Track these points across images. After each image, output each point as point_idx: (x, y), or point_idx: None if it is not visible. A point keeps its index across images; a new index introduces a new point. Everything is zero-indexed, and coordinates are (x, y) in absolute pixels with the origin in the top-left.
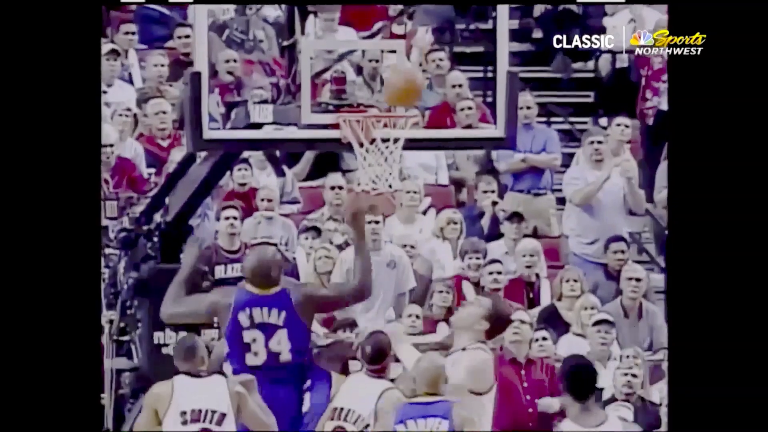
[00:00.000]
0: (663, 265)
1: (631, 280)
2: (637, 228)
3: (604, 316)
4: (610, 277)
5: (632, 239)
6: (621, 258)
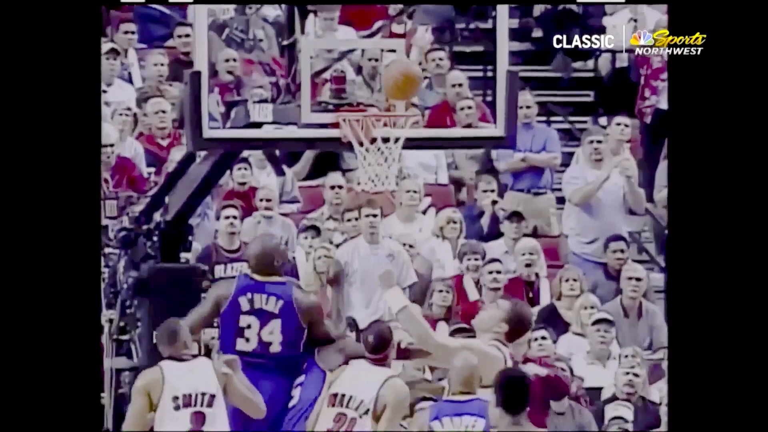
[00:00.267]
0: (663, 264)
1: (631, 279)
2: (636, 227)
3: (603, 316)
4: (610, 276)
5: (632, 239)
6: (621, 257)
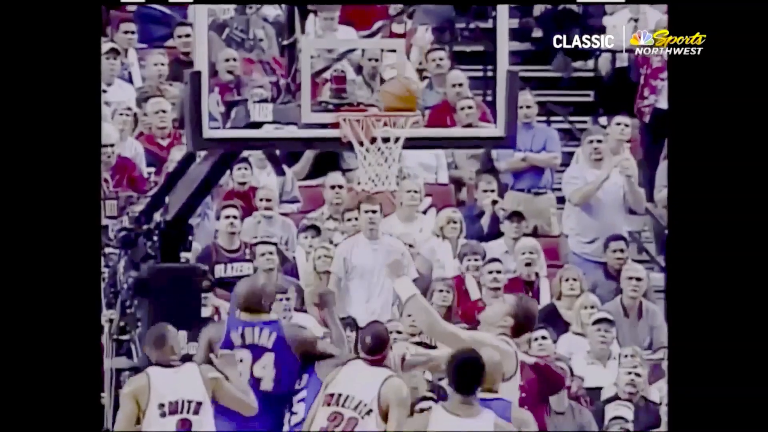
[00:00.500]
0: (663, 264)
1: (632, 279)
2: (636, 227)
3: (604, 315)
4: (610, 276)
5: (632, 238)
6: (621, 257)
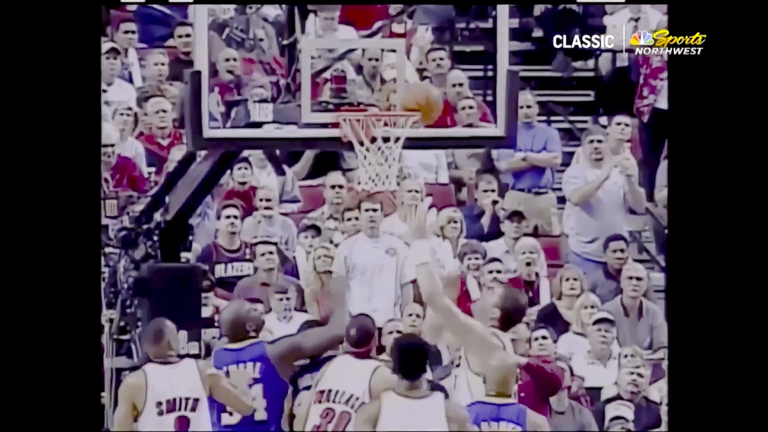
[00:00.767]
0: (663, 263)
1: (632, 279)
2: (637, 227)
3: (604, 315)
4: (610, 275)
5: (632, 238)
6: (621, 257)
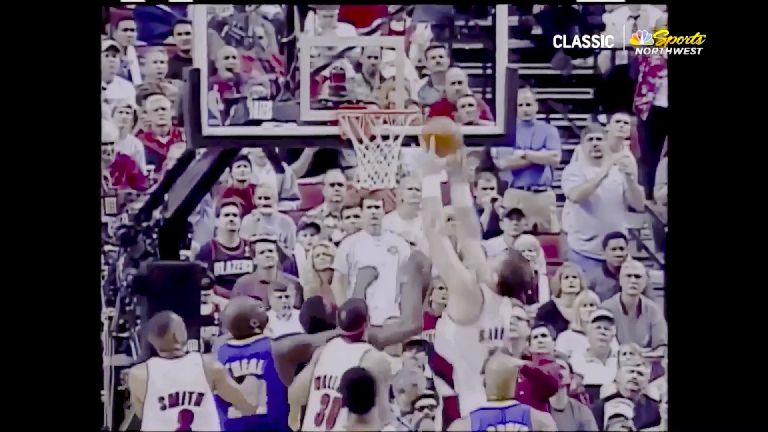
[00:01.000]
0: (662, 261)
1: (631, 276)
2: (636, 224)
3: (603, 313)
4: (609, 273)
5: (631, 236)
6: (620, 254)
